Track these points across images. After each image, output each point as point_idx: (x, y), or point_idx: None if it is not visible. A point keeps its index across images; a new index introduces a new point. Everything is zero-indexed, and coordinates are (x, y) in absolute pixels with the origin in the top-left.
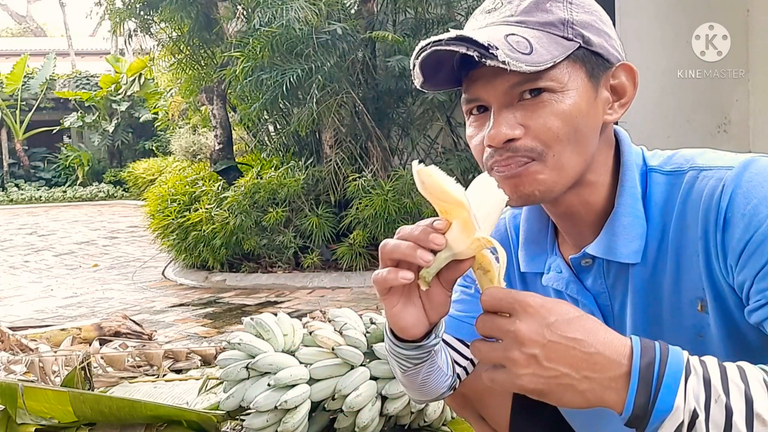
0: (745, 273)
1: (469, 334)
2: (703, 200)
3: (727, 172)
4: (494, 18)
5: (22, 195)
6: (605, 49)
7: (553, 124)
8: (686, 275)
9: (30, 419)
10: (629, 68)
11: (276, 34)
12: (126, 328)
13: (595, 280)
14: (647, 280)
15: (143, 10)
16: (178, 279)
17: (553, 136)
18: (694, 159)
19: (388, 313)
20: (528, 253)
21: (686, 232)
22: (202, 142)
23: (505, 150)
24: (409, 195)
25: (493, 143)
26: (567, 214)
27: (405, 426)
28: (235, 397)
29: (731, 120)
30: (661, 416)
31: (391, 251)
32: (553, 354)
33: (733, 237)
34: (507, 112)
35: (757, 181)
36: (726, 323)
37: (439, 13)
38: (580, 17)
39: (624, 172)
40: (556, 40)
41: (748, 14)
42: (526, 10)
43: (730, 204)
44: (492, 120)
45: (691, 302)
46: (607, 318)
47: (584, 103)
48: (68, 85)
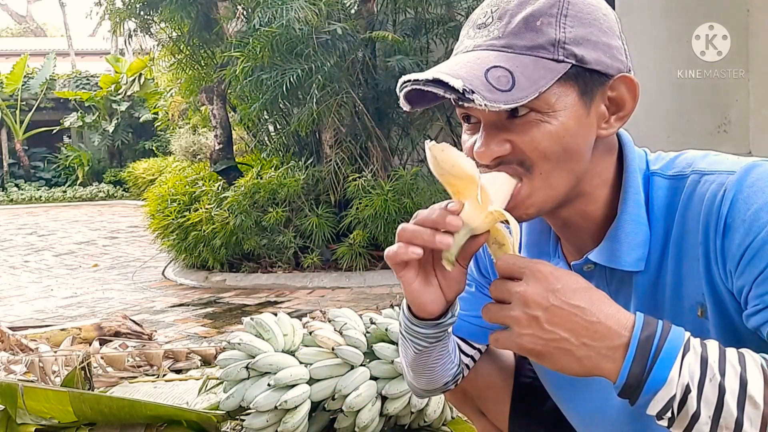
0: (744, 278)
1: (470, 333)
2: (704, 205)
3: (728, 177)
4: (482, 39)
5: (22, 195)
6: (602, 63)
7: (539, 143)
8: (687, 281)
9: (30, 419)
10: (629, 80)
11: (276, 34)
12: (126, 328)
13: (598, 285)
14: (650, 286)
15: (143, 10)
16: (178, 279)
17: (540, 155)
18: (696, 163)
19: (406, 291)
20: (530, 256)
21: (687, 237)
22: (202, 142)
23: (495, 164)
24: (409, 195)
25: (482, 160)
26: (565, 224)
27: (405, 426)
28: (235, 397)
29: (731, 120)
30: (654, 387)
31: (411, 237)
32: (554, 318)
33: (733, 242)
34: (495, 130)
35: (759, 186)
36: (726, 329)
37: (439, 13)
38: (574, 33)
39: (627, 178)
40: (544, 65)
41: (748, 14)
42: (514, 31)
43: (731, 209)
44: (481, 137)
45: (691, 308)
46: None
47: (573, 122)
48: (68, 85)
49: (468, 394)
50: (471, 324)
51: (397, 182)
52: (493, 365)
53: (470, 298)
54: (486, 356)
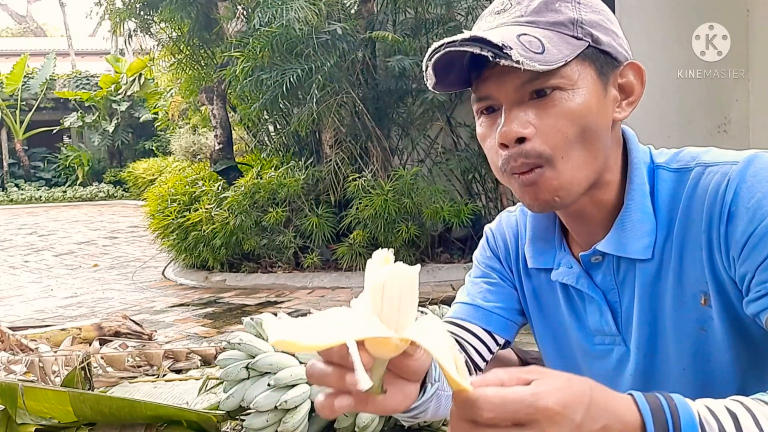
0: (746, 265)
1: (499, 326)
2: (708, 194)
3: (732, 167)
4: (504, 19)
5: (22, 195)
6: (613, 47)
7: (562, 124)
8: (690, 269)
9: (30, 419)
10: (637, 67)
11: (276, 34)
12: (126, 328)
13: (605, 277)
14: (653, 275)
15: (143, 10)
16: (178, 279)
17: (562, 137)
18: (700, 156)
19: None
20: (536, 249)
21: (691, 226)
22: (202, 142)
23: (518, 155)
24: (409, 195)
25: (504, 140)
26: (578, 214)
27: (405, 426)
28: (235, 397)
29: (731, 120)
30: None
31: (319, 381)
32: None
33: (737, 230)
34: (518, 110)
35: (762, 175)
36: (728, 317)
37: (439, 13)
38: (589, 17)
39: (633, 169)
40: (566, 40)
41: (748, 14)
42: (535, 11)
43: (735, 198)
44: (503, 118)
45: (694, 296)
46: (615, 314)
47: (594, 100)
48: (68, 85)
49: None
50: (500, 316)
51: (397, 182)
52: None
53: (495, 289)
54: (491, 363)
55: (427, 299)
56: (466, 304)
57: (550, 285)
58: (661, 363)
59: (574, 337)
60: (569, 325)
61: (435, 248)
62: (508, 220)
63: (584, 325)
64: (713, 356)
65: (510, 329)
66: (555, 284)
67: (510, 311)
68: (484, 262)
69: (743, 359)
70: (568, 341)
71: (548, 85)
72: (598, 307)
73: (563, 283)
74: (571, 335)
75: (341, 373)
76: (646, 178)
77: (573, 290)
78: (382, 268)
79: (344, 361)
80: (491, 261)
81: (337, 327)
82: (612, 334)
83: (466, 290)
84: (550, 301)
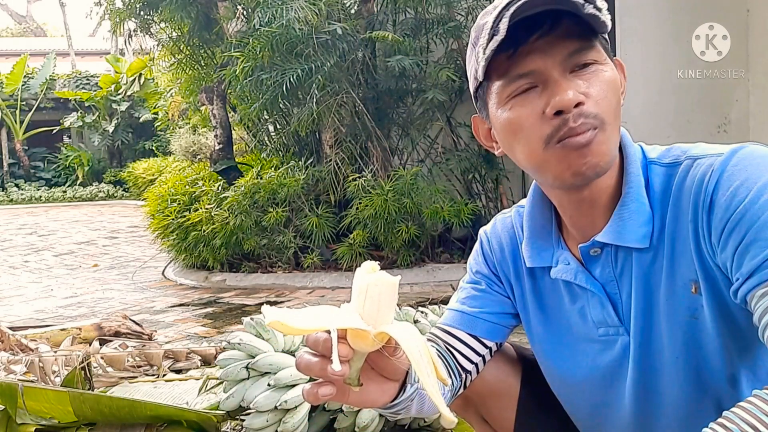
0: (727, 251)
1: (484, 330)
2: (694, 185)
3: (717, 158)
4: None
5: (22, 195)
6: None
7: (606, 93)
8: (681, 258)
9: (30, 419)
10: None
11: (276, 34)
12: (126, 328)
13: (604, 269)
14: (648, 266)
15: (143, 10)
16: (178, 279)
17: (608, 104)
18: (689, 150)
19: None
20: (534, 248)
21: (681, 217)
22: (202, 142)
23: (578, 115)
24: (409, 195)
25: (564, 106)
26: (588, 199)
27: (405, 426)
28: (235, 397)
29: (731, 120)
30: None
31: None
32: None
33: (716, 217)
34: (567, 81)
35: (742, 165)
36: (717, 304)
37: (439, 13)
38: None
39: (629, 162)
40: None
41: (748, 14)
42: None
43: (716, 187)
44: (554, 88)
45: (685, 285)
46: (615, 305)
47: (616, 76)
48: (68, 85)
49: (471, 401)
50: (486, 321)
51: (397, 182)
52: (499, 372)
53: (481, 295)
54: (492, 363)
55: (427, 299)
56: (453, 310)
57: (553, 283)
58: (655, 352)
59: (580, 331)
60: (574, 321)
61: (435, 248)
62: (504, 222)
63: (588, 318)
64: (704, 344)
65: (498, 333)
66: (557, 282)
67: (498, 315)
68: (474, 268)
69: (731, 347)
70: (574, 336)
71: (589, 58)
72: (599, 300)
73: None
74: (577, 330)
75: (325, 364)
76: (641, 171)
77: (575, 286)
78: (368, 275)
79: (329, 353)
80: (480, 267)
81: (324, 317)
82: (615, 325)
83: (456, 295)
84: (553, 299)
